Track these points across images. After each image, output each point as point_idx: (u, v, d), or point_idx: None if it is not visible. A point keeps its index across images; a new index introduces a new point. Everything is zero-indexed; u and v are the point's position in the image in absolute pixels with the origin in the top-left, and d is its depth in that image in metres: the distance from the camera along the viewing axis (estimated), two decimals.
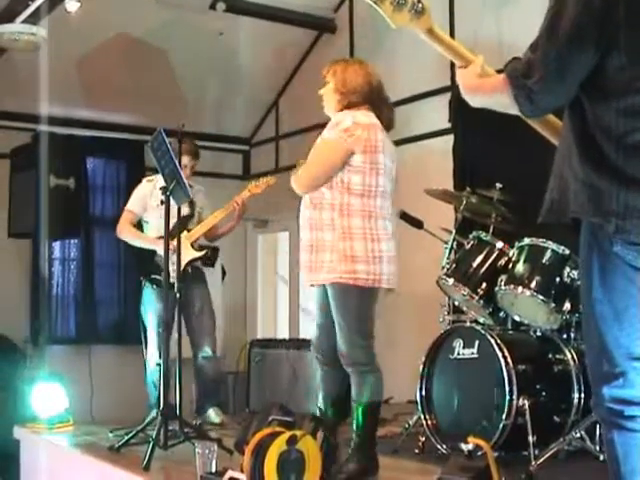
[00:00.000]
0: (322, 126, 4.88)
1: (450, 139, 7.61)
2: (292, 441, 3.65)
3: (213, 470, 4.01)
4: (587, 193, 2.47)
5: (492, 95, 2.64)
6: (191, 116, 8.76)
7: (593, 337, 2.55)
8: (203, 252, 6.32)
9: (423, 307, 7.40)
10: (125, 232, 6.34)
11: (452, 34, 7.60)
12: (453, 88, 7.63)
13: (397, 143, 7.80)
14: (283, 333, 9.55)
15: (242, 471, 3.76)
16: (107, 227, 9.29)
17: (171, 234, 6.10)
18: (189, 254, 6.23)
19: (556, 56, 2.44)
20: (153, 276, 6.13)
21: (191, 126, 5.84)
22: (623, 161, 2.43)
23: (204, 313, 6.38)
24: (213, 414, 6.35)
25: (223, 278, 8.64)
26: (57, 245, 9.03)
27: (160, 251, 5.88)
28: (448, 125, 7.67)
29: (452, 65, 7.63)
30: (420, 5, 2.75)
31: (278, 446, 3.62)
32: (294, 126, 9.39)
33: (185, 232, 6.22)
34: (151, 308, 6.21)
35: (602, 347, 2.51)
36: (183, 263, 6.13)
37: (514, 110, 2.55)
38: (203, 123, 9.19)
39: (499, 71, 2.73)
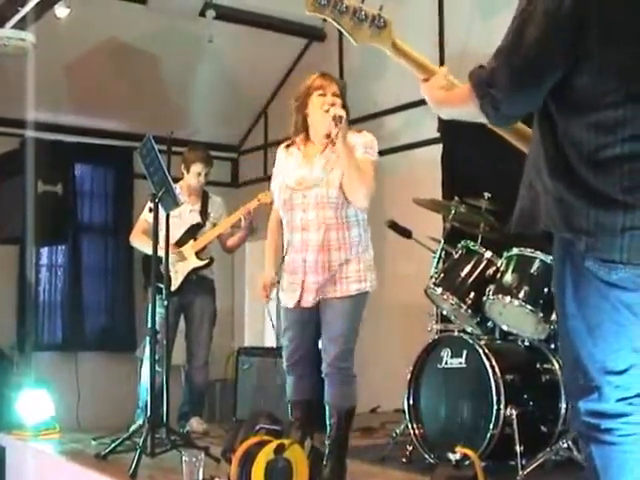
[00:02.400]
0: None
1: (439, 149, 7.61)
2: (280, 450, 3.65)
3: (200, 478, 3.99)
4: (557, 208, 2.42)
5: (459, 106, 2.61)
6: (180, 123, 8.77)
7: (568, 352, 2.52)
8: (205, 261, 6.30)
9: (410, 316, 7.40)
10: (137, 240, 6.33)
11: (442, 45, 7.63)
12: None
13: (386, 153, 7.88)
14: (270, 342, 9.51)
15: (229, 479, 3.75)
16: (95, 233, 9.34)
17: (179, 243, 6.14)
18: (193, 263, 6.22)
19: (520, 66, 2.40)
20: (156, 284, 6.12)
21: (179, 133, 5.83)
22: (593, 177, 2.37)
23: (203, 323, 6.39)
24: (195, 423, 6.36)
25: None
26: (44, 251, 9.01)
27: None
28: (437, 135, 7.67)
29: None
30: (381, 20, 2.71)
31: (266, 455, 3.62)
32: (283, 134, 9.30)
33: (192, 241, 6.22)
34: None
35: (577, 361, 2.48)
36: (186, 272, 6.15)
37: (482, 119, 2.50)
38: (191, 130, 9.18)
39: None
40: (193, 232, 6.31)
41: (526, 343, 5.05)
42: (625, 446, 2.42)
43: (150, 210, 5.09)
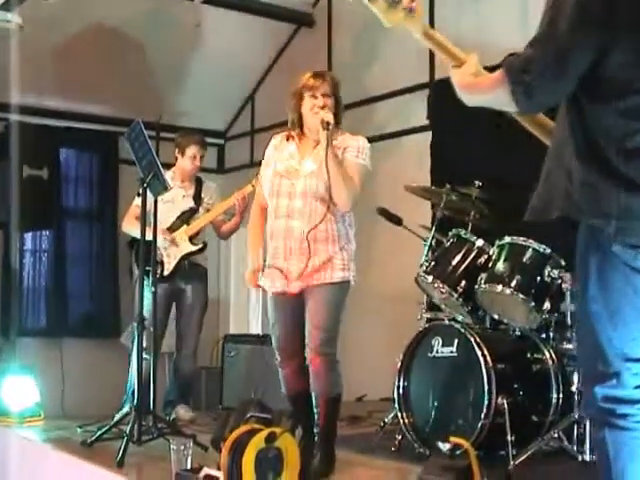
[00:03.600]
0: None
1: (428, 136, 7.57)
2: (271, 439, 3.60)
3: (188, 467, 3.94)
4: (585, 193, 2.47)
5: (489, 92, 2.62)
6: (166, 108, 8.67)
7: (587, 336, 2.55)
8: (199, 246, 6.25)
9: (398, 304, 7.37)
10: (129, 226, 6.23)
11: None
12: (431, 85, 7.62)
13: (375, 139, 7.82)
14: (255, 329, 9.46)
15: (219, 468, 3.70)
16: (79, 219, 9.25)
17: (171, 228, 6.08)
18: (186, 248, 6.17)
19: (555, 52, 2.44)
20: (148, 269, 6.06)
21: (166, 118, 5.77)
22: (624, 163, 2.43)
23: (194, 311, 6.36)
24: (182, 411, 6.32)
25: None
26: (29, 236, 8.90)
27: (158, 244, 5.83)
28: (426, 122, 7.63)
29: (431, 62, 7.64)
30: (414, 4, 2.74)
31: (256, 444, 3.57)
32: (270, 120, 9.30)
33: (185, 226, 6.17)
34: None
35: (596, 346, 2.51)
36: (178, 257, 6.10)
37: (510, 107, 2.53)
38: (178, 115, 9.09)
39: (488, 68, 2.71)
40: (186, 217, 6.25)
41: (517, 332, 5.03)
42: (638, 432, 2.46)
43: (139, 194, 5.02)
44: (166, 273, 6.05)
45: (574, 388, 4.69)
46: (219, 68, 9.13)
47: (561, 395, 4.74)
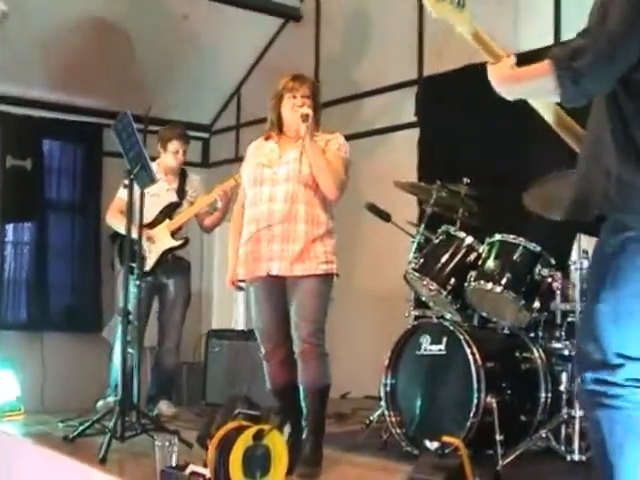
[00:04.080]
0: None
1: (416, 133, 7.53)
2: (259, 436, 3.55)
3: (173, 464, 3.88)
4: (620, 189, 2.52)
5: (534, 80, 2.65)
6: (151, 100, 8.55)
7: (591, 326, 2.60)
8: (180, 242, 6.17)
9: (383, 302, 7.33)
10: (113, 219, 6.18)
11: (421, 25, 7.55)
12: (420, 81, 7.57)
13: (363, 135, 7.79)
14: (239, 324, 9.39)
15: (205, 466, 3.65)
16: (62, 211, 9.14)
17: (155, 221, 6.00)
18: (168, 243, 6.10)
19: (607, 42, 2.47)
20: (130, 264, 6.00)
21: (153, 111, 5.69)
22: None
23: (177, 305, 6.30)
24: (165, 407, 6.27)
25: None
26: (10, 228, 8.78)
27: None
28: (414, 119, 7.58)
29: (420, 58, 7.60)
30: (462, 0, 2.77)
31: (244, 441, 3.52)
32: (256, 115, 9.22)
33: (167, 220, 6.10)
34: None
35: (597, 340, 2.57)
36: (160, 252, 6.03)
37: (554, 95, 2.56)
38: (163, 108, 8.99)
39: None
40: (169, 211, 6.18)
41: (506, 331, 4.99)
42: (630, 411, 2.54)
43: (125, 187, 4.94)
44: (147, 268, 5.97)
45: (562, 387, 4.68)
46: (205, 61, 9.05)
47: (549, 394, 4.72)
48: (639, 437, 2.54)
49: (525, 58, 2.78)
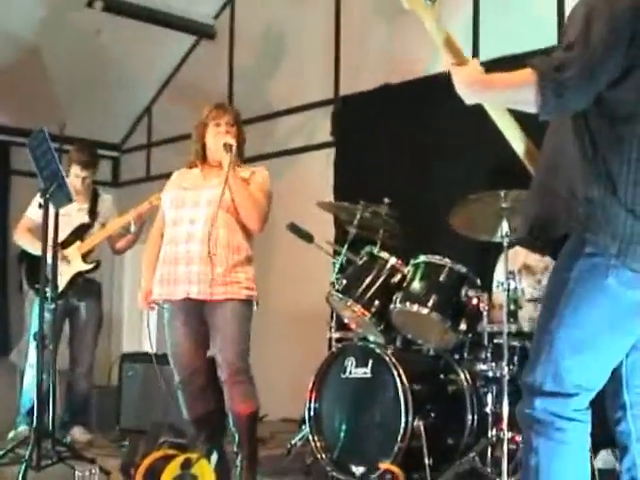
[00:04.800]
0: None
1: (331, 153, 7.49)
2: (186, 465, 3.44)
3: None
4: (592, 211, 2.48)
5: (510, 89, 2.57)
6: (60, 118, 8.35)
7: (548, 353, 2.54)
8: (91, 265, 5.99)
9: (299, 323, 7.27)
10: (23, 239, 6.02)
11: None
12: (336, 100, 7.54)
13: (278, 155, 7.73)
14: (150, 347, 9.19)
15: None
16: None
17: (65, 243, 5.82)
18: (78, 266, 5.90)
19: (592, 55, 2.43)
20: (38, 286, 5.78)
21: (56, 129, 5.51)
22: (633, 188, 2.46)
23: (88, 328, 6.16)
24: (78, 433, 6.09)
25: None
26: None
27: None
28: (330, 138, 7.55)
29: (336, 77, 7.58)
30: None
31: (172, 471, 3.41)
32: (167, 134, 9.12)
33: (78, 242, 5.91)
34: (35, 317, 5.85)
35: (555, 367, 2.52)
36: (70, 274, 5.84)
37: (531, 106, 2.49)
38: (72, 126, 8.76)
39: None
40: (80, 232, 6.02)
41: (431, 353, 4.95)
42: (572, 446, 2.52)
43: (40, 206, 4.75)
44: (58, 291, 5.77)
45: (488, 409, 4.64)
46: (117, 78, 8.86)
47: (476, 417, 4.68)
48: (573, 475, 2.53)
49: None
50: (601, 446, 4.38)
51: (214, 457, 3.67)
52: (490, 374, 4.70)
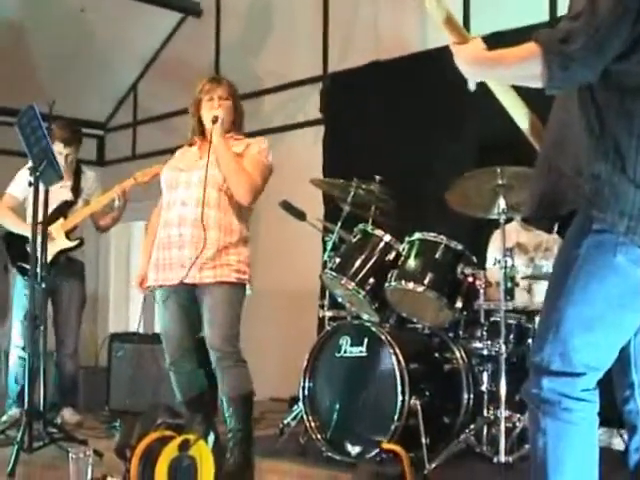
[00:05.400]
0: (182, 113, 4.72)
1: (320, 130, 7.43)
2: (184, 447, 3.38)
3: (89, 478, 3.64)
4: (600, 188, 2.42)
5: (515, 65, 2.48)
6: (45, 96, 8.23)
7: (556, 331, 2.49)
8: (75, 242, 5.90)
9: (288, 303, 7.23)
10: (5, 217, 5.89)
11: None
12: (325, 78, 7.47)
13: (264, 132, 7.64)
14: (136, 327, 9.13)
15: (125, 479, 3.45)
16: None
17: (47, 221, 5.70)
18: (61, 244, 5.82)
19: (599, 26, 2.34)
20: (21, 264, 5.69)
21: (43, 107, 5.40)
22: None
23: (72, 308, 6.04)
24: (68, 414, 6.01)
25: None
26: None
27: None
28: (318, 115, 7.48)
29: (324, 54, 7.51)
30: None
31: (169, 452, 3.34)
32: (153, 112, 9.03)
33: (61, 220, 5.82)
34: (18, 298, 5.77)
35: (564, 345, 2.47)
36: (54, 252, 5.75)
37: (537, 81, 2.41)
38: (56, 105, 8.63)
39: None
40: (63, 210, 5.91)
41: (426, 331, 4.91)
42: (578, 427, 2.48)
43: (30, 184, 4.67)
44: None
45: (484, 388, 4.63)
46: (101, 56, 8.75)
47: (472, 395, 4.65)
48: (580, 456, 2.49)
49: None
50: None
51: (211, 438, 3.61)
52: (485, 352, 4.68)
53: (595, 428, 2.52)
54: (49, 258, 5.72)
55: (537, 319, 4.64)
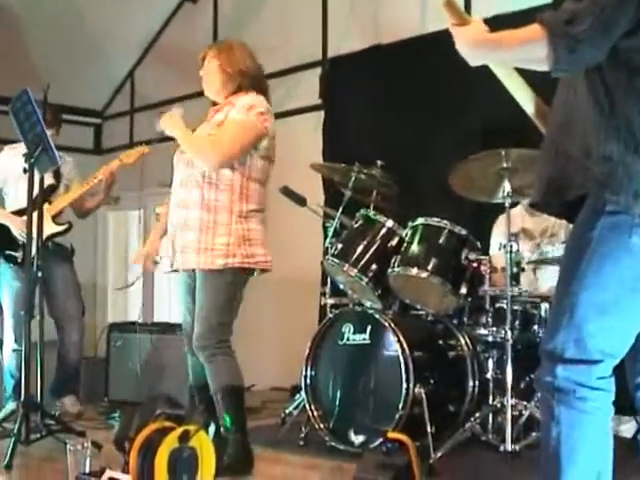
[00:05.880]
0: (180, 99, 4.60)
1: (319, 116, 7.34)
2: (184, 438, 3.28)
3: (87, 470, 3.56)
4: (612, 169, 2.34)
5: (518, 47, 2.39)
6: (39, 84, 8.13)
7: (571, 317, 2.40)
8: (64, 227, 5.79)
9: (288, 292, 7.15)
10: None
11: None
12: (324, 62, 7.38)
13: None
14: (134, 317, 9.04)
15: (124, 471, 3.36)
16: None
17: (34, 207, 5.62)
18: (49, 228, 5.69)
19: (605, 5, 2.26)
20: (8, 252, 5.59)
21: (39, 94, 5.30)
22: None
23: (69, 294, 5.94)
24: (69, 403, 5.95)
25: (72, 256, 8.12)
26: None
27: (12, 228, 5.46)
28: (317, 101, 7.39)
29: (324, 39, 7.41)
30: None
31: (169, 443, 3.24)
32: (150, 99, 8.92)
33: (47, 205, 5.70)
34: (8, 288, 5.65)
35: (579, 331, 2.39)
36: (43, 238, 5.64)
37: (543, 64, 2.31)
38: (52, 93, 8.53)
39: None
40: (46, 194, 5.74)
41: (430, 318, 4.83)
42: (593, 417, 2.42)
43: (25, 171, 4.58)
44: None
45: (489, 375, 4.56)
46: (97, 43, 8.65)
47: (477, 383, 4.58)
48: (594, 445, 2.42)
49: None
50: None
51: (212, 429, 3.53)
52: (490, 339, 4.60)
53: (609, 417, 2.45)
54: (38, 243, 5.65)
55: (543, 305, 4.58)
